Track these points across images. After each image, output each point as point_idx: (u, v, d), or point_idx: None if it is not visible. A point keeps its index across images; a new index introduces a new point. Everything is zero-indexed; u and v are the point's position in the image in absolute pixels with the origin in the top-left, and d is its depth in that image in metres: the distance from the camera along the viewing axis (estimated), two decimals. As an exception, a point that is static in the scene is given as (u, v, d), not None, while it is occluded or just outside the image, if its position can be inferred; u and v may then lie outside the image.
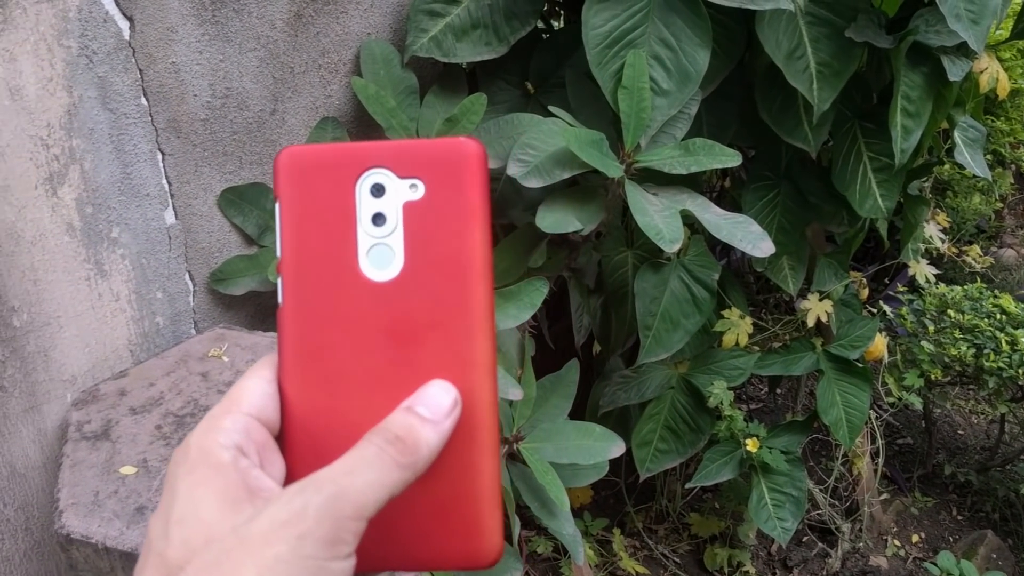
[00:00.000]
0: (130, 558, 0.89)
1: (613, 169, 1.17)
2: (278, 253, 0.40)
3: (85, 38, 0.98)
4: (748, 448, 1.64)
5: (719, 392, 1.59)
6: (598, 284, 1.62)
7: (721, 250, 2.04)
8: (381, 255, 0.40)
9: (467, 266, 0.40)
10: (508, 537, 1.32)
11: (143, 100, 1.06)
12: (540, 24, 1.46)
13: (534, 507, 1.27)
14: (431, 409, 0.38)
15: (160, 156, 1.10)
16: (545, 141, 1.19)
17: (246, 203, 1.21)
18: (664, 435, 1.67)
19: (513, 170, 1.16)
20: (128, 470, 0.98)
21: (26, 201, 0.99)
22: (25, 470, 1.07)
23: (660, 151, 1.25)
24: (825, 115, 1.35)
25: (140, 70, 1.04)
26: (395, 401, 0.39)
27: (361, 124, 1.32)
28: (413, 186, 0.40)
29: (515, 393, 1.14)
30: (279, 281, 0.40)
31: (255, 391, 0.39)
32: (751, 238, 1.22)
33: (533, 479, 1.26)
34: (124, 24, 1.01)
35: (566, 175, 1.18)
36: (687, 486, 1.77)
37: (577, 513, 1.91)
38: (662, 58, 1.21)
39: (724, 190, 1.89)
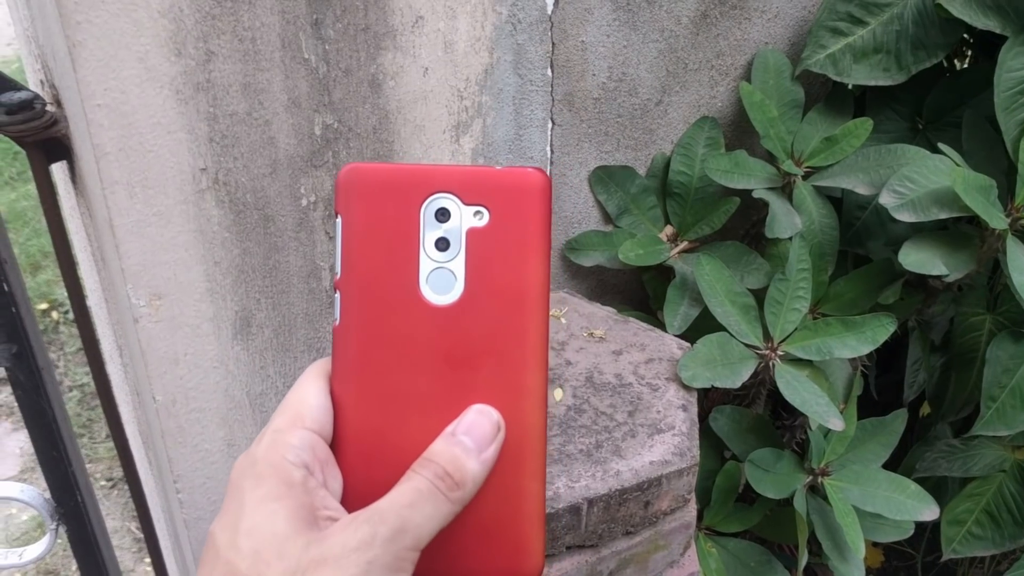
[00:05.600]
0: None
1: (997, 220, 1.10)
2: (337, 270, 0.41)
3: (515, 7, 1.08)
4: (1079, 561, 1.46)
5: (1059, 490, 1.43)
6: (944, 342, 1.52)
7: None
8: (442, 279, 0.40)
9: (526, 296, 0.40)
10: (788, 567, 1.29)
11: (548, 71, 1.15)
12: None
13: (826, 545, 1.23)
14: (474, 437, 0.39)
15: (550, 125, 1.20)
16: (927, 177, 1.14)
17: (613, 183, 1.27)
18: (981, 519, 1.53)
19: (886, 199, 1.13)
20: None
21: (433, 142, 1.12)
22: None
23: (1056, 212, 1.15)
24: None
25: (553, 43, 1.14)
26: (447, 424, 0.40)
27: (737, 129, 1.34)
28: (478, 213, 0.40)
29: (836, 423, 1.10)
30: (337, 297, 0.41)
31: (315, 405, 0.41)
32: None
33: (831, 517, 1.22)
34: (550, 0, 1.10)
35: (942, 216, 1.12)
36: (994, 582, 1.61)
37: (861, 574, 1.81)
38: (1084, 113, 1.11)
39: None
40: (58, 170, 1.06)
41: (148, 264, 0.97)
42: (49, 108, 0.94)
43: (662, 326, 1.23)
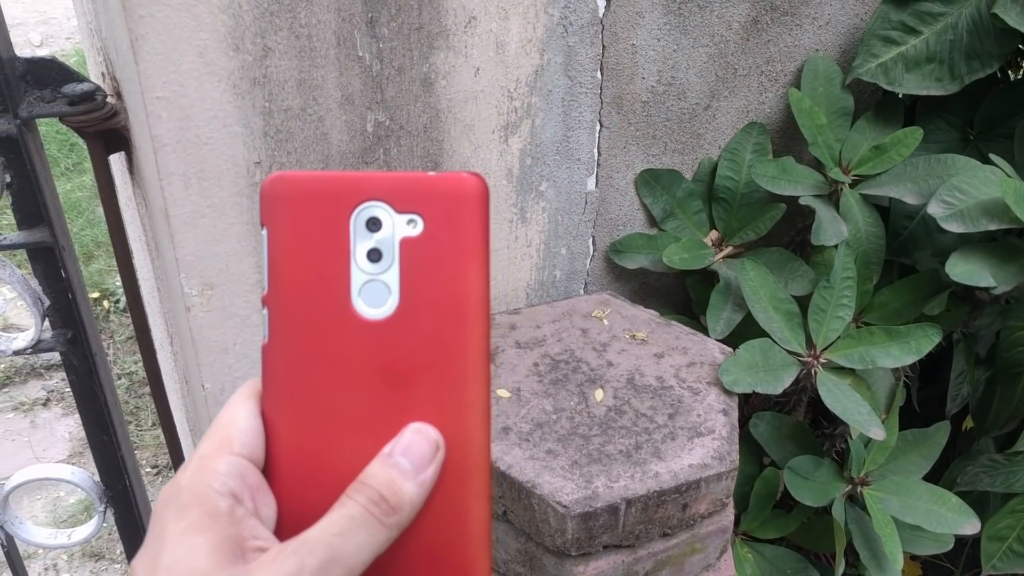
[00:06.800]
0: (493, 472, 1.00)
1: (1049, 232, 1.09)
2: (264, 284, 0.39)
3: (567, 9, 1.09)
4: (1124, 582, 1.43)
5: (1105, 509, 1.41)
6: (989, 355, 1.50)
7: None
8: (375, 292, 0.38)
9: (465, 307, 0.38)
10: (826, 578, 1.28)
11: (598, 74, 1.16)
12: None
13: (863, 555, 1.23)
14: (412, 458, 0.37)
15: (598, 127, 1.20)
16: (977, 188, 1.13)
17: (660, 186, 1.28)
18: (1023, 536, 1.51)
19: (935, 209, 1.12)
20: (503, 393, 1.09)
21: (482, 141, 1.13)
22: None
23: (1109, 225, 1.14)
24: None
25: (603, 46, 1.14)
26: (384, 445, 0.38)
27: (785, 135, 1.34)
28: (411, 222, 0.38)
29: (877, 433, 1.10)
30: (265, 314, 0.39)
31: (245, 428, 0.38)
32: None
33: (869, 527, 1.22)
34: (601, 2, 1.11)
35: (992, 227, 1.11)
36: (1035, 600, 1.59)
37: (898, 588, 1.79)
38: None
39: None
40: (115, 161, 1.09)
41: (201, 254, 1.00)
42: (110, 100, 0.96)
43: (704, 330, 1.23)
